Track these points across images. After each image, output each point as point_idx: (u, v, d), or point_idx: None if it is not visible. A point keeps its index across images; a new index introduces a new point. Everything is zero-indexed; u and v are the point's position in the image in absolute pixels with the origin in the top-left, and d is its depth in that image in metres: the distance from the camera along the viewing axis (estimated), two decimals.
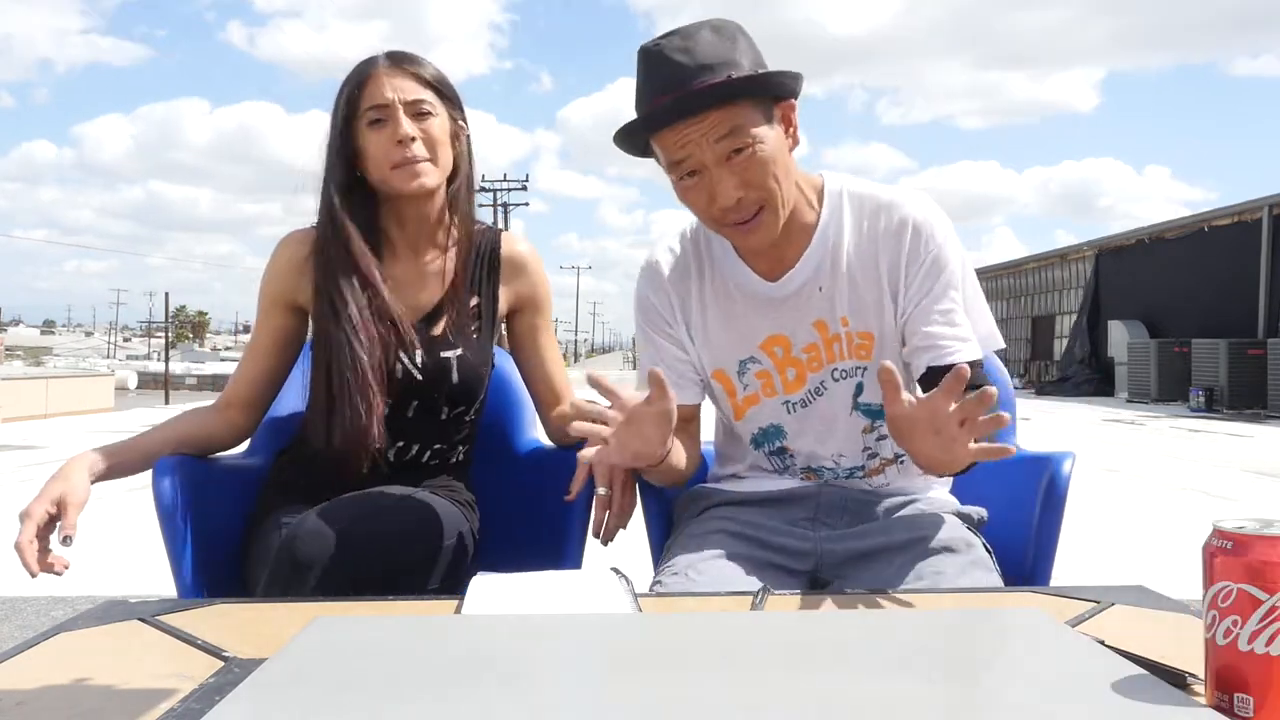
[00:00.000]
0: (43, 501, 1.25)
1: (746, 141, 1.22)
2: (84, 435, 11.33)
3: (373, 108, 1.41)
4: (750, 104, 1.23)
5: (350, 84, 1.43)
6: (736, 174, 1.23)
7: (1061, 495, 1.41)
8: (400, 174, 1.42)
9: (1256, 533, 0.66)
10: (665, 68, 1.23)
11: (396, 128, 1.41)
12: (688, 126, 1.22)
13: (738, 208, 1.25)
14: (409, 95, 1.42)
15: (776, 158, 1.25)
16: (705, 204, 1.27)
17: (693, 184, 1.26)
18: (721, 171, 1.23)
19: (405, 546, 1.29)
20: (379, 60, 1.44)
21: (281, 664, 0.77)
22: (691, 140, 1.23)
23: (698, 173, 1.25)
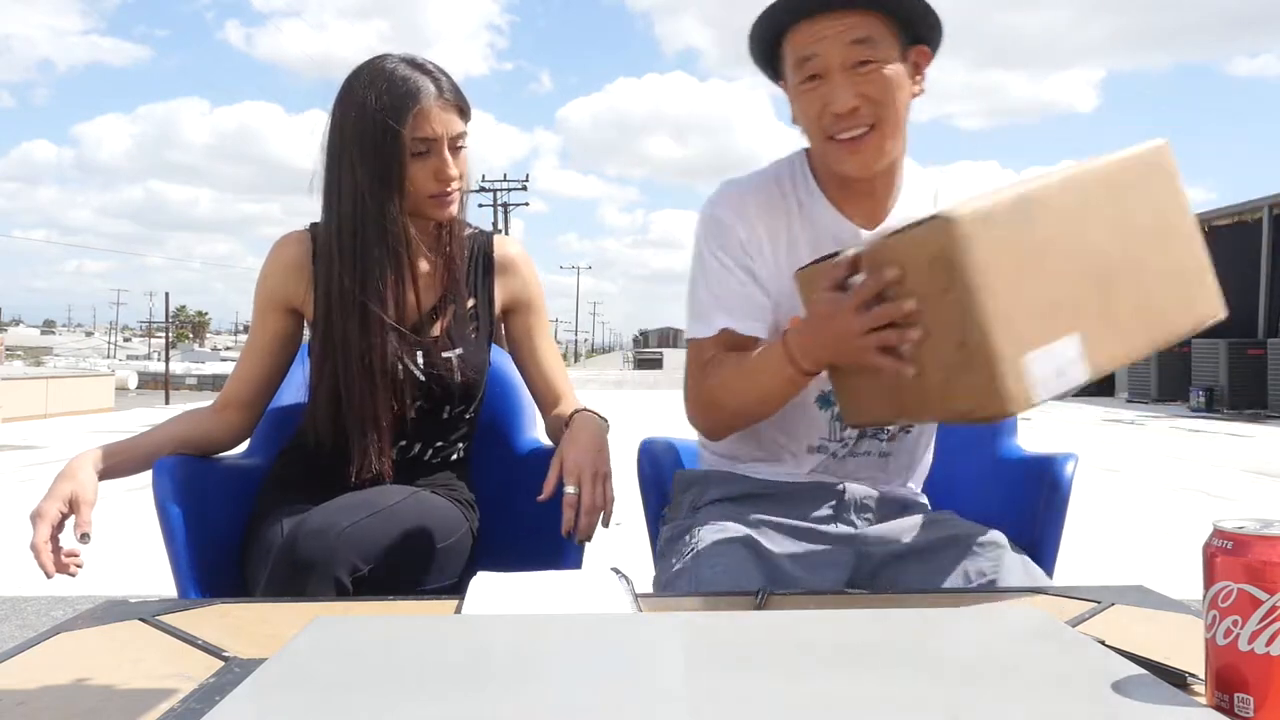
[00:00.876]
0: (54, 501, 1.25)
1: (876, 54, 1.21)
2: (84, 435, 11.34)
3: (420, 139, 1.40)
4: (890, 25, 1.23)
5: (396, 111, 1.38)
6: (857, 84, 1.22)
7: (1064, 497, 1.41)
8: (435, 205, 1.44)
9: (1256, 533, 0.66)
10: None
11: (443, 166, 1.41)
12: (824, 21, 1.21)
13: (851, 116, 1.23)
14: (454, 130, 1.42)
15: (899, 86, 1.24)
16: (819, 110, 1.25)
17: (812, 88, 1.24)
18: (845, 77, 1.22)
19: (405, 546, 1.29)
20: (427, 89, 1.40)
21: (281, 664, 0.77)
22: (826, 37, 1.21)
23: (820, 77, 1.23)
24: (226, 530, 1.47)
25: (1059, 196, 1.02)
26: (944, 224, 0.97)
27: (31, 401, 15.68)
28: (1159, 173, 1.08)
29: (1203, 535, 0.70)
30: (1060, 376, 0.98)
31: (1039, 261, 0.99)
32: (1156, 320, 1.05)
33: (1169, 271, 1.06)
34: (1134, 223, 1.05)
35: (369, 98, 1.39)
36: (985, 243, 0.97)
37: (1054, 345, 0.99)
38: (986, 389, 0.97)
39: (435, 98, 1.40)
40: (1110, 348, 1.02)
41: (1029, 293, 0.98)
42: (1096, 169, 1.05)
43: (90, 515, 1.26)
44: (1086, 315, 1.01)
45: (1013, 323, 0.97)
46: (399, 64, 1.42)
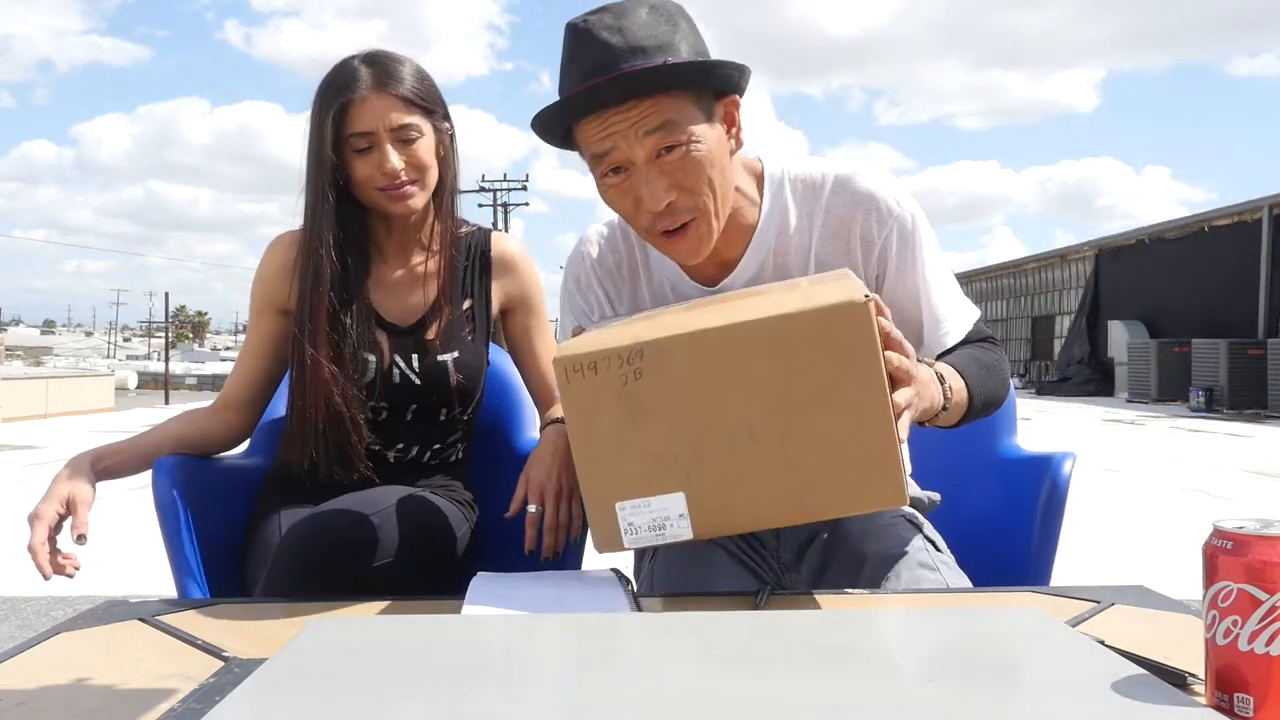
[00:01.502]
0: (51, 502, 1.25)
1: (680, 139, 1.10)
2: (84, 435, 11.33)
3: (357, 135, 1.38)
4: (687, 96, 1.10)
5: (333, 105, 1.38)
6: (666, 175, 1.11)
7: (1062, 496, 1.42)
8: (386, 198, 1.42)
9: (1256, 533, 0.66)
10: (592, 48, 1.09)
11: (383, 160, 1.38)
12: (613, 115, 1.09)
13: (667, 213, 1.13)
14: (394, 122, 1.39)
15: (714, 159, 1.13)
16: (631, 207, 1.15)
17: (617, 182, 1.14)
18: (650, 170, 1.11)
19: (405, 546, 1.29)
20: (361, 80, 1.38)
21: (281, 664, 0.77)
22: (617, 131, 1.09)
23: (623, 170, 1.12)
24: (226, 530, 1.47)
25: (688, 350, 0.95)
26: (557, 363, 0.98)
27: (31, 401, 15.67)
28: (841, 340, 0.92)
29: (1203, 535, 0.70)
30: (657, 530, 0.98)
31: (643, 414, 0.96)
32: (798, 495, 0.97)
33: (830, 447, 0.95)
34: (792, 389, 0.94)
35: (315, 98, 1.41)
36: (584, 389, 0.97)
37: (651, 500, 0.98)
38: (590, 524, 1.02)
39: (370, 89, 1.38)
40: (727, 513, 0.99)
41: (627, 443, 0.97)
42: (759, 324, 0.94)
43: (87, 517, 1.26)
44: (700, 475, 0.97)
45: (603, 470, 0.98)
46: (349, 60, 1.42)
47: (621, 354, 0.95)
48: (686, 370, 0.95)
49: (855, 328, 0.92)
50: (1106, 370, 24.62)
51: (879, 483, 0.95)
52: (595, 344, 0.97)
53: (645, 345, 0.95)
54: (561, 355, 0.97)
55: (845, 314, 0.92)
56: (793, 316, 0.93)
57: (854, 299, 0.92)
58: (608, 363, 0.95)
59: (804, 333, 0.93)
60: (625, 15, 1.10)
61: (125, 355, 74.30)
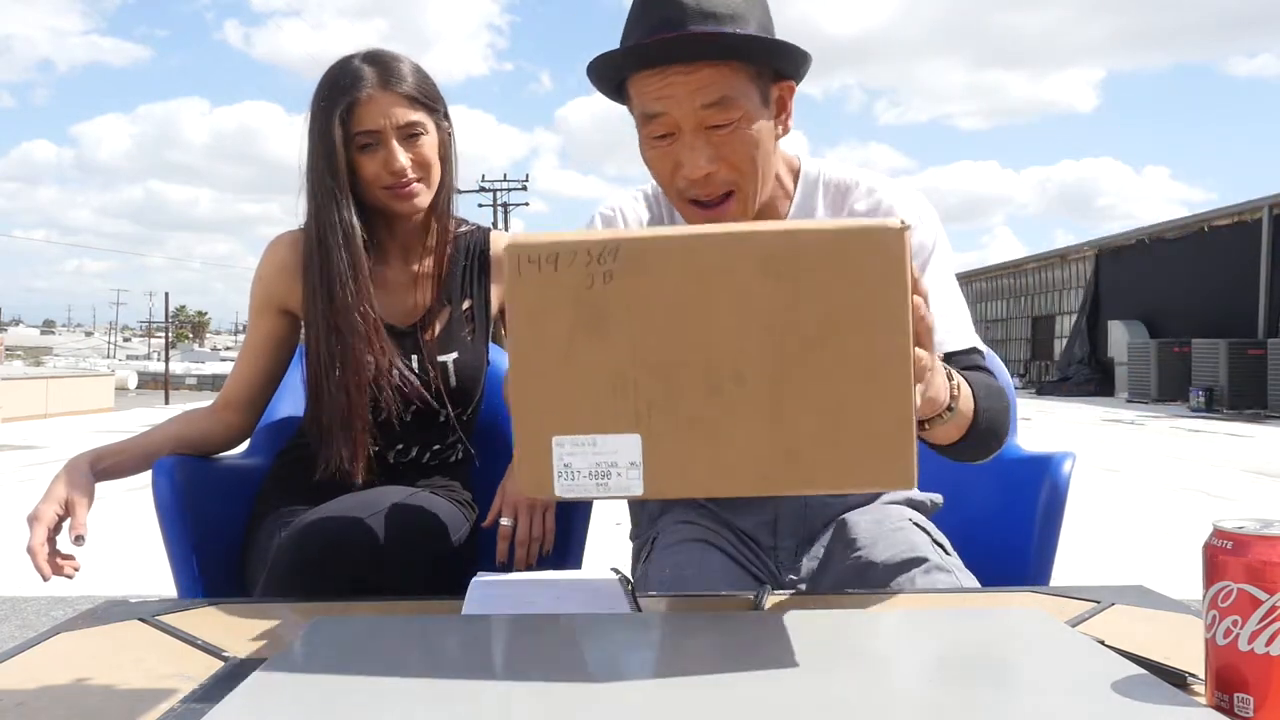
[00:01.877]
0: (50, 503, 1.25)
1: (734, 116, 1.08)
2: (84, 435, 11.34)
3: (363, 133, 1.39)
4: (749, 72, 1.09)
5: (339, 104, 1.39)
6: (712, 145, 1.09)
7: (1062, 496, 1.41)
8: (392, 196, 1.42)
9: (1256, 533, 0.66)
10: (664, 4, 1.06)
11: (390, 158, 1.39)
12: (675, 74, 1.06)
13: (705, 183, 1.11)
14: (400, 120, 1.39)
15: (760, 141, 1.11)
16: (670, 171, 1.13)
17: (662, 145, 1.11)
18: (697, 139, 1.09)
19: (405, 546, 1.29)
20: (366, 79, 1.39)
21: (281, 664, 0.77)
22: (673, 95, 1.07)
23: (671, 135, 1.10)
24: (226, 530, 1.47)
25: (675, 256, 0.78)
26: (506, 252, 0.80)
27: (31, 401, 15.68)
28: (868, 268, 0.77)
29: (1203, 535, 0.70)
30: (600, 478, 0.79)
31: (605, 327, 0.78)
32: (783, 458, 0.79)
33: (832, 402, 0.78)
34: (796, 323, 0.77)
35: (317, 97, 1.41)
36: (538, 286, 0.78)
37: (598, 439, 0.79)
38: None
39: (375, 88, 1.39)
40: (690, 469, 0.79)
41: (580, 361, 0.78)
42: (769, 236, 0.79)
43: (85, 517, 1.26)
44: (665, 415, 0.79)
45: (544, 391, 0.79)
46: (349, 59, 1.43)
47: (592, 249, 0.78)
48: (669, 281, 0.78)
49: (886, 255, 0.76)
50: (1106, 370, 24.62)
51: (886, 456, 0.78)
52: (559, 237, 0.80)
53: (623, 242, 0.78)
54: (517, 241, 0.79)
55: (876, 238, 0.76)
56: (812, 233, 0.78)
57: (888, 223, 0.77)
58: (572, 257, 0.78)
59: (824, 254, 0.77)
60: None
61: (125, 355, 74.31)
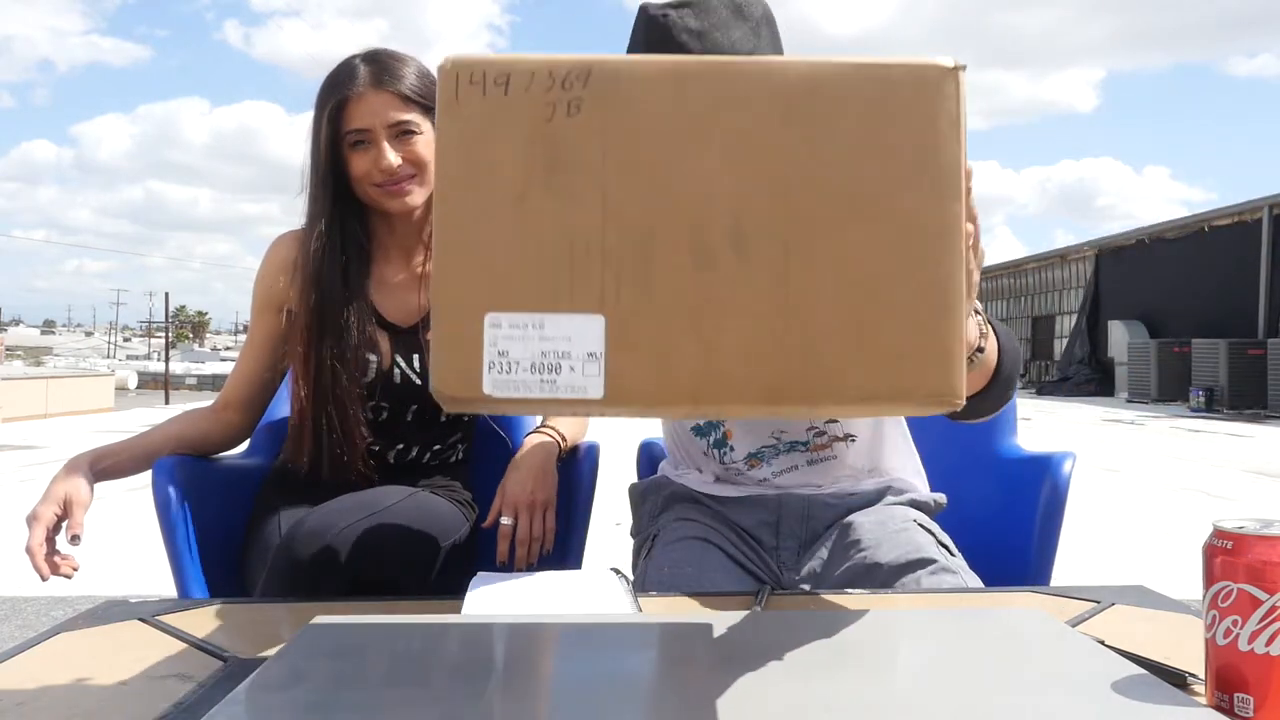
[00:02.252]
0: (49, 504, 1.25)
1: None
2: (84, 435, 11.33)
3: (354, 130, 1.40)
4: None
5: (331, 103, 1.40)
6: None
7: (1062, 495, 1.42)
8: (384, 194, 1.42)
9: (1256, 533, 0.66)
10: (665, 50, 0.99)
11: (380, 156, 1.39)
12: None
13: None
14: (391, 118, 1.39)
15: None
16: None
17: None
18: None
19: (405, 546, 1.29)
20: (359, 77, 1.40)
21: (281, 664, 0.77)
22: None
23: None
24: (226, 530, 1.47)
25: (664, 85, 0.61)
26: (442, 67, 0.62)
27: (31, 401, 15.67)
28: (916, 115, 0.61)
29: (1203, 535, 0.70)
30: (546, 374, 0.60)
31: (567, 172, 0.61)
32: (794, 355, 0.61)
33: (861, 282, 0.61)
34: (819, 177, 0.61)
35: (316, 98, 1.43)
36: (479, 114, 0.61)
37: (546, 319, 0.60)
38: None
39: (368, 86, 1.39)
40: (668, 369, 0.61)
41: (530, 214, 0.61)
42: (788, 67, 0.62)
43: (83, 517, 1.26)
44: (640, 291, 0.61)
45: (477, 252, 0.61)
46: (351, 58, 1.44)
47: (555, 70, 0.61)
48: (654, 116, 0.61)
49: (937, 98, 0.61)
50: (1106, 370, 24.62)
51: (928, 359, 0.60)
52: (518, 55, 0.63)
53: (596, 64, 0.61)
54: (456, 57, 0.62)
55: (925, 77, 0.61)
56: (843, 67, 0.61)
57: (938, 60, 0.62)
58: (529, 79, 0.61)
59: (857, 95, 0.61)
60: (707, 15, 1.00)
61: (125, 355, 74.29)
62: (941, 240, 0.60)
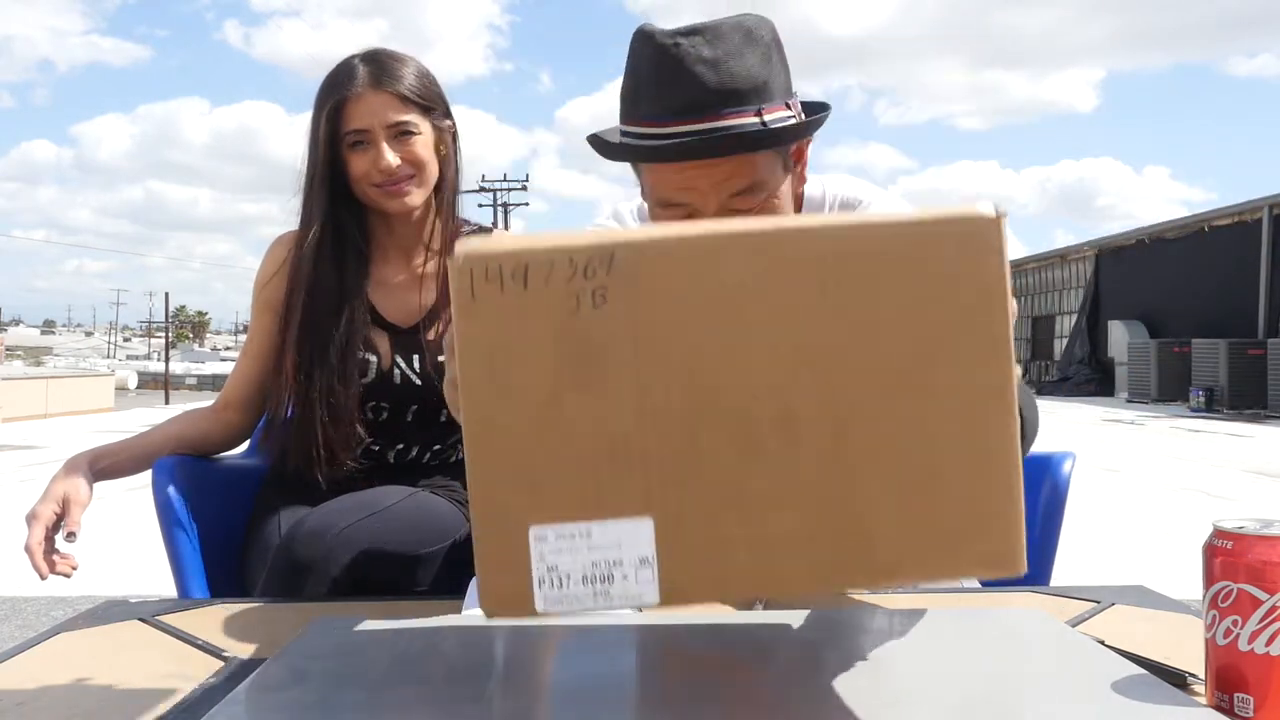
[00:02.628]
0: (48, 502, 1.25)
1: (761, 198, 1.01)
2: (84, 435, 11.33)
3: (353, 131, 1.39)
4: (775, 150, 1.01)
5: (330, 103, 1.40)
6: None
7: (1062, 495, 1.41)
8: (383, 195, 1.42)
9: (1256, 533, 0.66)
10: (683, 82, 0.96)
11: (378, 156, 1.39)
12: (698, 170, 0.97)
13: None
14: (390, 119, 1.39)
15: (783, 208, 1.05)
16: None
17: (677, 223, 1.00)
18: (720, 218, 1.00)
19: (405, 546, 1.29)
20: (358, 78, 1.40)
21: (281, 664, 0.77)
22: (697, 188, 0.99)
23: (692, 216, 1.01)
24: (226, 530, 1.47)
25: (695, 263, 0.58)
26: (454, 264, 0.59)
27: (31, 401, 15.68)
28: (963, 273, 0.58)
29: (1203, 535, 0.70)
30: (599, 584, 0.58)
31: (598, 367, 0.58)
32: (853, 538, 0.59)
33: (918, 458, 0.58)
34: (866, 350, 0.58)
35: (315, 97, 1.43)
36: (500, 312, 0.58)
37: (594, 527, 0.58)
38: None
39: (366, 86, 1.39)
40: (724, 562, 0.59)
41: (562, 418, 0.58)
42: (824, 233, 0.60)
43: (80, 516, 1.26)
44: (687, 488, 0.58)
45: (514, 463, 0.58)
46: (350, 58, 1.44)
47: (576, 257, 0.57)
48: (687, 297, 0.58)
49: (982, 253, 0.57)
50: (1106, 370, 24.62)
51: (987, 529, 0.59)
52: (530, 241, 0.59)
53: (619, 247, 0.58)
54: (468, 252, 0.58)
55: (970, 230, 0.57)
56: (883, 226, 0.59)
57: (979, 210, 0.58)
58: (549, 269, 0.57)
59: (900, 255, 0.57)
60: (719, 43, 0.97)
61: (125, 355, 74.31)
62: (994, 403, 0.58)
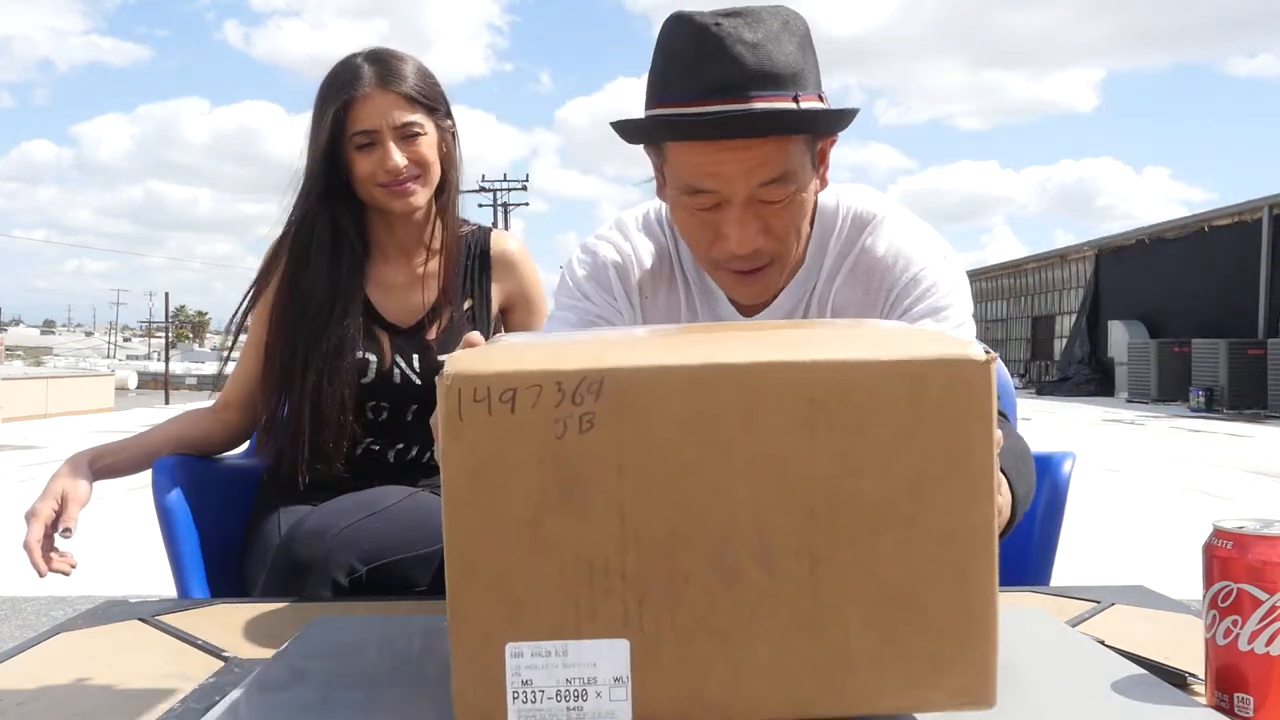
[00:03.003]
0: (47, 500, 1.26)
1: (790, 190, 1.00)
2: (84, 435, 11.34)
3: (360, 132, 1.39)
4: (806, 141, 1.00)
5: (335, 102, 1.39)
6: (761, 219, 1.01)
7: (1062, 495, 1.41)
8: (388, 195, 1.42)
9: (1256, 533, 0.66)
10: (722, 61, 0.95)
11: (386, 157, 1.39)
12: (729, 151, 0.96)
13: (749, 257, 1.03)
14: (397, 120, 1.39)
15: (808, 208, 1.05)
16: (708, 238, 1.03)
17: (705, 215, 1.02)
18: (747, 213, 1.00)
19: (405, 546, 1.29)
20: (364, 78, 1.39)
21: (281, 664, 0.77)
22: (726, 174, 0.97)
23: (716, 206, 1.00)
24: (226, 530, 1.47)
25: (680, 392, 0.59)
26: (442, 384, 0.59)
27: (31, 401, 15.68)
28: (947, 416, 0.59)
29: (1203, 535, 0.70)
30: (572, 702, 0.60)
31: (582, 493, 0.59)
32: (827, 671, 0.60)
33: (893, 593, 0.60)
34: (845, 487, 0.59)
35: (318, 96, 1.42)
36: (487, 435, 0.59)
37: (570, 646, 0.59)
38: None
39: (374, 87, 1.39)
40: (698, 689, 0.60)
41: (544, 540, 0.59)
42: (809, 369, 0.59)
43: (77, 513, 1.26)
44: (664, 614, 0.60)
45: (494, 581, 0.59)
46: (352, 57, 1.43)
47: (564, 382, 0.58)
48: (673, 427, 0.59)
49: (969, 396, 0.59)
50: (1106, 370, 24.64)
51: (962, 666, 0.60)
52: (519, 361, 0.60)
53: (607, 374, 0.59)
54: (457, 371, 0.59)
55: (957, 374, 0.59)
56: (870, 366, 0.59)
57: (971, 354, 0.59)
58: (536, 394, 0.58)
59: (886, 394, 0.59)
60: (759, 27, 0.96)
61: (125, 355, 74.33)
62: (973, 542, 0.60)
